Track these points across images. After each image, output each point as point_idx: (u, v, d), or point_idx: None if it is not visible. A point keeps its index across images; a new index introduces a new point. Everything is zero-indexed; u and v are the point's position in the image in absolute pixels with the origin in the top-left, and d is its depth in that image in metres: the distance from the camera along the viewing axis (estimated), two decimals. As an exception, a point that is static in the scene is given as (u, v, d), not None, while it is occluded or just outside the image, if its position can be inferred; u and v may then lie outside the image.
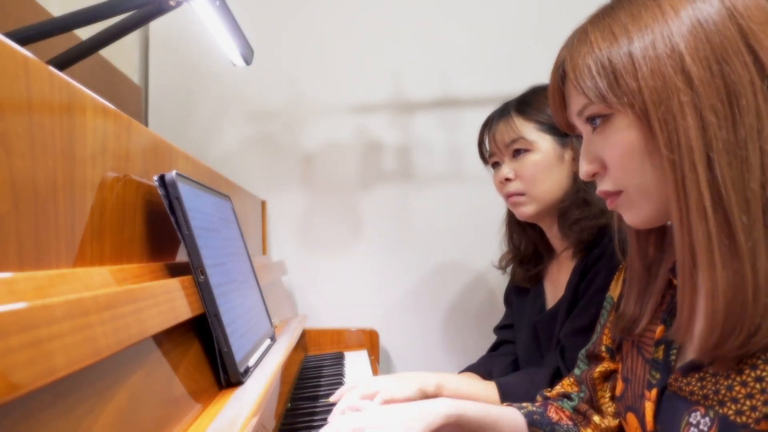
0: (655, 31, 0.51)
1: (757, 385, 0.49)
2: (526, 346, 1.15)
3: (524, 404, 0.79)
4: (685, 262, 0.52)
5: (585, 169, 0.60)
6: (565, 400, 0.80)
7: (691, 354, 0.59)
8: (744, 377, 0.50)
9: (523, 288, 1.20)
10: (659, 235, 0.66)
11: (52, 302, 0.34)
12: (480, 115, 1.19)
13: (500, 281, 1.52)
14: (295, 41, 1.68)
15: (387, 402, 0.82)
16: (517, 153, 1.05)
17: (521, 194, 1.05)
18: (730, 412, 0.50)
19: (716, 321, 0.49)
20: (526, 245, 1.18)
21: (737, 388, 0.50)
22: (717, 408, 0.52)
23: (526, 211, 1.05)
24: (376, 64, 1.68)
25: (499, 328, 1.28)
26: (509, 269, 1.25)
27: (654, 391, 0.61)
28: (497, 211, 1.26)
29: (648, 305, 0.65)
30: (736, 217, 0.48)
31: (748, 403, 0.49)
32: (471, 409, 0.70)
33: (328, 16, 1.68)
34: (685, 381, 0.56)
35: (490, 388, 0.99)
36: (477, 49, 1.66)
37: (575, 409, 0.78)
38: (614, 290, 0.78)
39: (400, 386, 0.86)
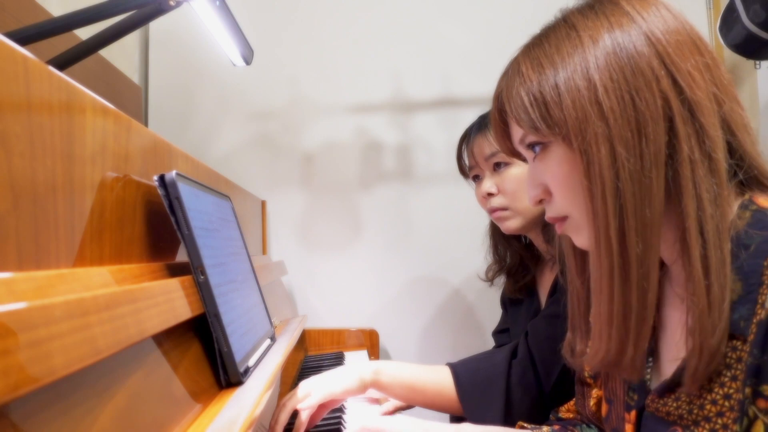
0: (575, 62, 0.52)
1: (726, 403, 0.49)
2: None
3: (544, 429, 0.77)
4: (595, 288, 0.55)
5: (532, 195, 0.61)
6: (584, 426, 0.78)
7: (660, 375, 0.59)
8: (713, 395, 0.50)
9: (516, 299, 1.19)
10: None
11: (52, 302, 0.34)
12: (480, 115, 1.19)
13: (500, 281, 1.51)
14: (295, 41, 1.68)
15: (326, 399, 0.84)
16: (497, 166, 1.03)
17: (505, 209, 1.03)
18: (705, 431, 0.51)
19: (611, 345, 0.53)
20: (512, 256, 1.16)
21: (708, 407, 0.51)
22: (692, 428, 0.52)
23: (512, 225, 1.03)
24: (376, 64, 1.68)
25: (497, 332, 1.28)
26: (497, 281, 1.23)
27: (633, 413, 0.61)
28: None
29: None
30: (632, 247, 0.50)
31: (719, 421, 0.49)
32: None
33: (328, 16, 1.68)
34: (661, 402, 0.57)
35: (440, 374, 0.97)
36: (477, 49, 1.66)
37: None
38: None
39: (335, 380, 0.87)
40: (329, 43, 1.68)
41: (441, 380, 0.96)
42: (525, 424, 0.78)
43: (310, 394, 0.84)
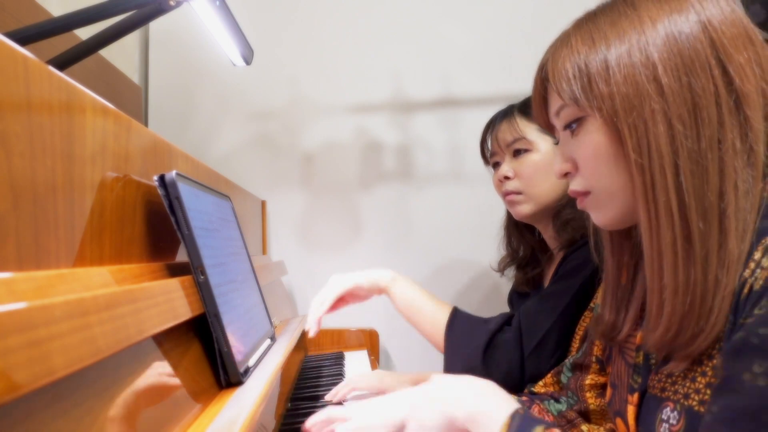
0: (632, 40, 0.53)
1: (715, 374, 0.50)
2: None
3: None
4: (653, 262, 0.54)
5: (558, 167, 0.63)
6: (552, 401, 0.81)
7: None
8: (703, 368, 0.52)
9: (523, 291, 1.22)
10: (633, 241, 0.67)
11: (52, 302, 0.34)
12: (480, 115, 1.19)
13: (500, 281, 1.51)
14: (295, 41, 1.68)
15: (339, 294, 1.01)
16: (517, 153, 1.06)
17: (519, 193, 1.06)
18: (694, 403, 0.52)
19: (674, 319, 0.52)
20: (525, 249, 1.20)
21: (699, 379, 0.52)
22: (683, 401, 0.53)
23: (523, 210, 1.06)
24: (376, 64, 1.68)
25: None
26: (508, 272, 1.26)
27: (635, 395, 0.62)
28: (497, 211, 1.26)
29: (629, 311, 0.67)
30: (694, 224, 0.50)
31: (708, 392, 0.51)
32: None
33: (329, 16, 1.68)
34: (657, 378, 0.58)
35: (442, 312, 1.06)
36: (477, 49, 1.66)
37: (561, 414, 0.79)
38: (598, 299, 0.79)
39: (352, 279, 1.04)
40: (329, 43, 1.68)
41: (441, 316, 1.05)
42: None
43: (334, 288, 1.03)
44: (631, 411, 0.62)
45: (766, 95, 0.52)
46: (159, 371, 0.54)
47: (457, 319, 1.03)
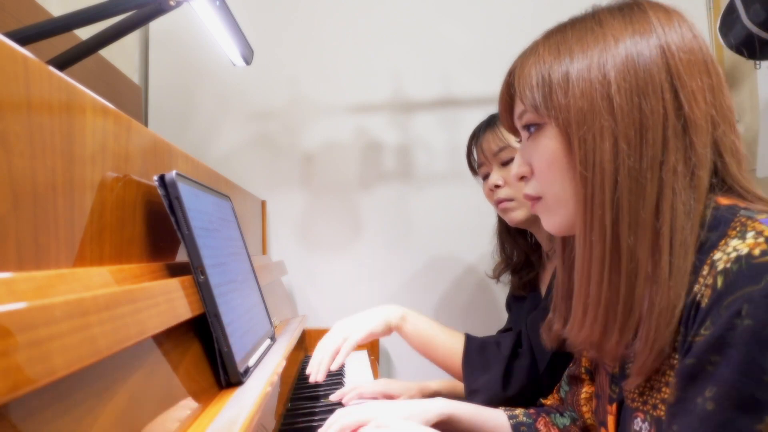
0: (593, 56, 0.55)
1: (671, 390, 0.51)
2: None
3: (517, 412, 0.81)
4: (583, 271, 0.56)
5: (515, 170, 0.64)
6: (557, 415, 0.81)
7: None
8: (667, 378, 0.53)
9: (520, 295, 1.23)
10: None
11: (52, 302, 0.34)
12: (480, 115, 1.19)
13: (505, 280, 1.51)
14: (295, 41, 1.68)
15: (363, 340, 0.93)
16: (505, 162, 1.07)
17: (511, 200, 1.07)
18: (661, 413, 0.53)
19: (595, 327, 0.55)
20: (518, 254, 1.21)
21: (663, 389, 0.53)
22: (651, 411, 0.55)
23: (517, 216, 1.07)
24: (376, 64, 1.68)
25: (501, 332, 1.30)
26: (503, 278, 1.27)
27: (614, 405, 0.63)
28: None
29: None
30: (624, 239, 0.52)
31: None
32: (462, 410, 0.76)
33: (329, 16, 1.68)
34: (627, 390, 0.59)
35: (455, 339, 1.04)
36: (477, 49, 1.66)
37: (565, 428, 0.79)
38: None
39: (365, 322, 0.96)
40: (329, 43, 1.68)
41: (453, 344, 1.03)
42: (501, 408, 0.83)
43: (348, 336, 0.93)
44: (611, 421, 0.63)
45: (715, 122, 0.54)
46: (159, 371, 0.54)
47: (471, 348, 1.03)
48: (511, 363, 1.00)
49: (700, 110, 0.52)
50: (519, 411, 0.81)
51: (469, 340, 1.04)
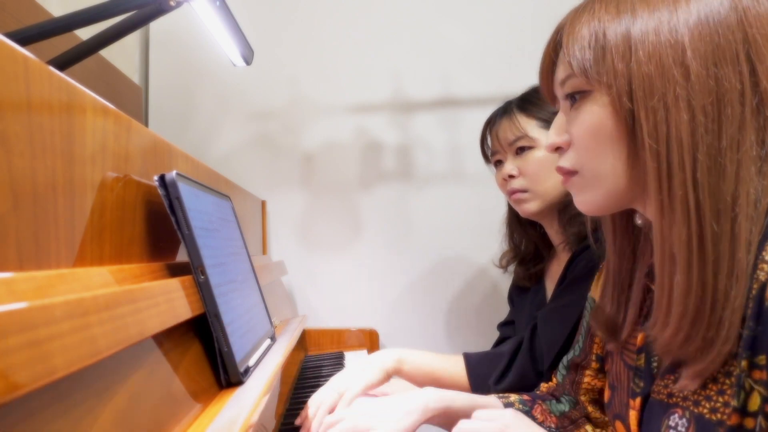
0: (662, 17, 0.49)
1: (727, 381, 0.49)
2: None
3: (512, 399, 0.79)
4: (665, 259, 0.51)
5: (552, 139, 0.59)
6: (554, 401, 0.80)
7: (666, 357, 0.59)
8: (720, 386, 0.50)
9: (524, 287, 1.21)
10: (635, 236, 0.65)
11: (52, 302, 0.34)
12: (480, 115, 1.19)
13: (500, 281, 1.51)
14: (295, 41, 1.68)
15: (359, 395, 0.85)
16: (520, 150, 1.05)
17: (525, 191, 1.05)
18: (705, 410, 0.50)
19: (684, 321, 0.49)
20: (527, 244, 1.18)
21: (710, 386, 0.50)
22: (692, 408, 0.51)
23: (530, 208, 1.05)
24: (376, 64, 1.68)
25: (502, 325, 1.30)
26: (510, 268, 1.25)
27: (638, 400, 0.60)
28: (497, 210, 1.27)
29: (628, 309, 0.65)
30: (708, 225, 0.47)
31: (720, 399, 0.49)
32: (457, 400, 0.73)
33: (328, 16, 1.68)
34: (663, 383, 0.56)
35: (454, 362, 1.04)
36: (477, 49, 1.66)
37: (564, 415, 0.78)
38: (595, 291, 0.78)
39: (361, 377, 0.89)
40: (329, 43, 1.68)
41: (456, 369, 1.03)
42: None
43: (344, 393, 0.86)
44: (633, 416, 0.61)
45: None
46: (159, 371, 0.54)
47: (472, 365, 1.04)
48: (509, 365, 1.00)
49: None
50: (514, 398, 0.80)
51: (468, 357, 1.04)
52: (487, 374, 1.02)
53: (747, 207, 0.47)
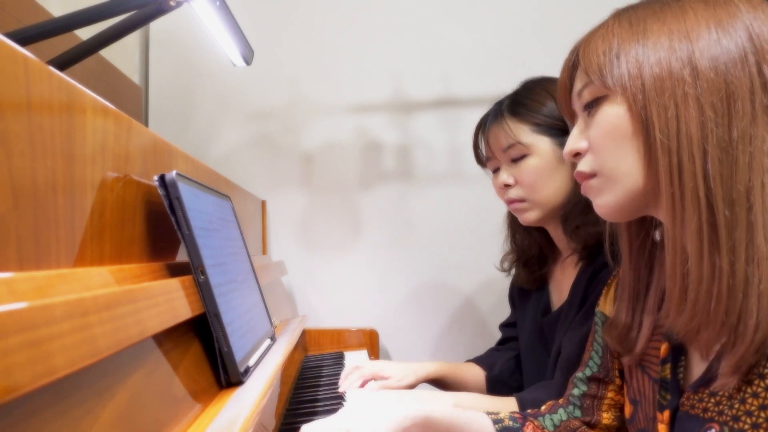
0: (671, 27, 0.53)
1: (762, 383, 0.49)
2: (528, 345, 1.14)
3: (502, 415, 0.76)
4: (676, 248, 0.53)
5: (571, 145, 0.61)
6: (547, 416, 0.78)
7: (691, 373, 0.58)
8: (754, 388, 0.49)
9: (526, 289, 1.18)
10: (650, 237, 0.65)
11: (52, 302, 0.34)
12: (480, 115, 1.18)
13: (500, 281, 1.51)
14: (295, 41, 1.68)
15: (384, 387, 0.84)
16: (515, 158, 1.00)
17: (522, 200, 1.01)
18: (746, 426, 0.49)
19: (698, 306, 0.51)
20: (531, 246, 1.13)
21: (750, 401, 0.50)
22: (731, 423, 0.51)
23: (529, 217, 1.01)
24: (376, 64, 1.68)
25: (505, 325, 1.28)
26: (512, 271, 1.21)
27: (666, 413, 0.59)
28: (497, 210, 1.26)
29: (643, 320, 0.65)
30: (720, 212, 0.49)
31: (762, 414, 0.48)
32: (438, 412, 0.70)
33: (328, 16, 1.68)
34: (697, 398, 0.56)
35: (507, 403, 0.95)
36: (477, 49, 1.66)
37: (561, 423, 0.76)
38: (604, 305, 0.77)
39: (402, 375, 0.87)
40: (329, 43, 1.68)
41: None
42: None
43: (383, 374, 0.86)
44: (662, 429, 0.60)
45: None
46: (159, 371, 0.54)
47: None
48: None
49: None
50: (504, 414, 0.76)
51: (522, 401, 0.94)
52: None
53: (763, 196, 0.48)
